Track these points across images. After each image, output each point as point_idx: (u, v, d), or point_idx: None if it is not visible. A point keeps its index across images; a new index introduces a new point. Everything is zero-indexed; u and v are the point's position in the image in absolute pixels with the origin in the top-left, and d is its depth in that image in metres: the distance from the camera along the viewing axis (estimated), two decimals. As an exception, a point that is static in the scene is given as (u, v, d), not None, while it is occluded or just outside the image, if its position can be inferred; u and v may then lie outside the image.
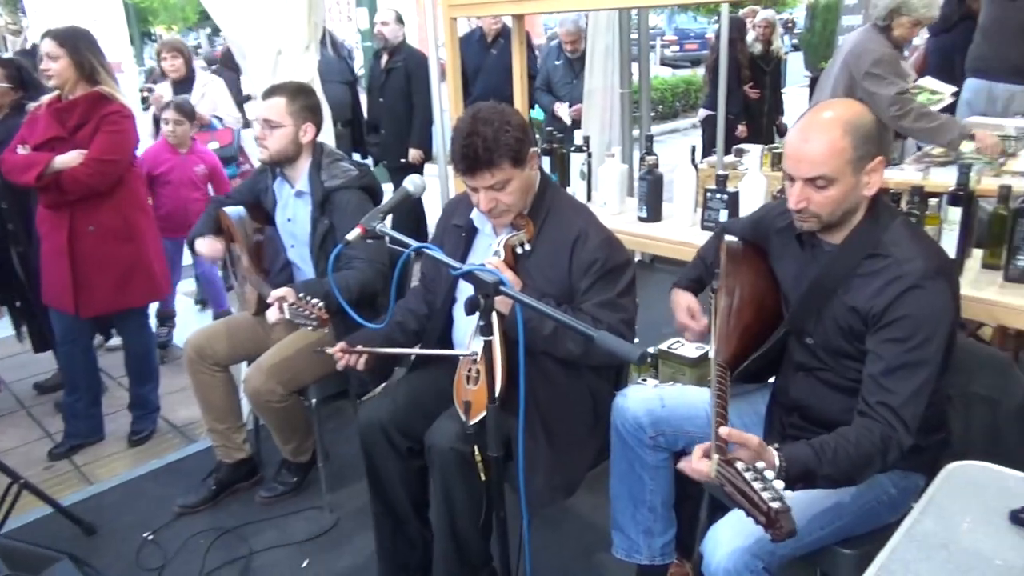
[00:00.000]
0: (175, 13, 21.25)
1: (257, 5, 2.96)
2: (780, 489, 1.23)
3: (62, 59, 2.75)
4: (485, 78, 5.17)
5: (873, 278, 1.58)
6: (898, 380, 1.51)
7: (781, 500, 1.22)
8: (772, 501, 1.22)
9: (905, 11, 3.19)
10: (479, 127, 1.83)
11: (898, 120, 3.13)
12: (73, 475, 3.07)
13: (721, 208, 2.57)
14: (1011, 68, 4.24)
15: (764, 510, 1.22)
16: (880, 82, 3.13)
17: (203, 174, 3.94)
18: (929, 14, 3.22)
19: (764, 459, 1.37)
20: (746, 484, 1.26)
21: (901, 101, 3.11)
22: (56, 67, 2.75)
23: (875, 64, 3.14)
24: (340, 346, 2.06)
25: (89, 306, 2.96)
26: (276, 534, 2.62)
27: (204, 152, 4.02)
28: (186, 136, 3.89)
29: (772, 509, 1.21)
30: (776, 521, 1.21)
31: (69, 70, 2.76)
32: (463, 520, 1.98)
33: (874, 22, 3.34)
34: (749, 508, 1.25)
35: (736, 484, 1.28)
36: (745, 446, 1.38)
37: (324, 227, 2.48)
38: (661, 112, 11.91)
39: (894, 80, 3.15)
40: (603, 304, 1.94)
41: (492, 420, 1.56)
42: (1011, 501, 1.29)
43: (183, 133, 3.86)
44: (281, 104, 2.48)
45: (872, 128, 1.57)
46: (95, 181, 2.81)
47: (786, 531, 1.21)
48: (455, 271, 1.52)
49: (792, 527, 1.21)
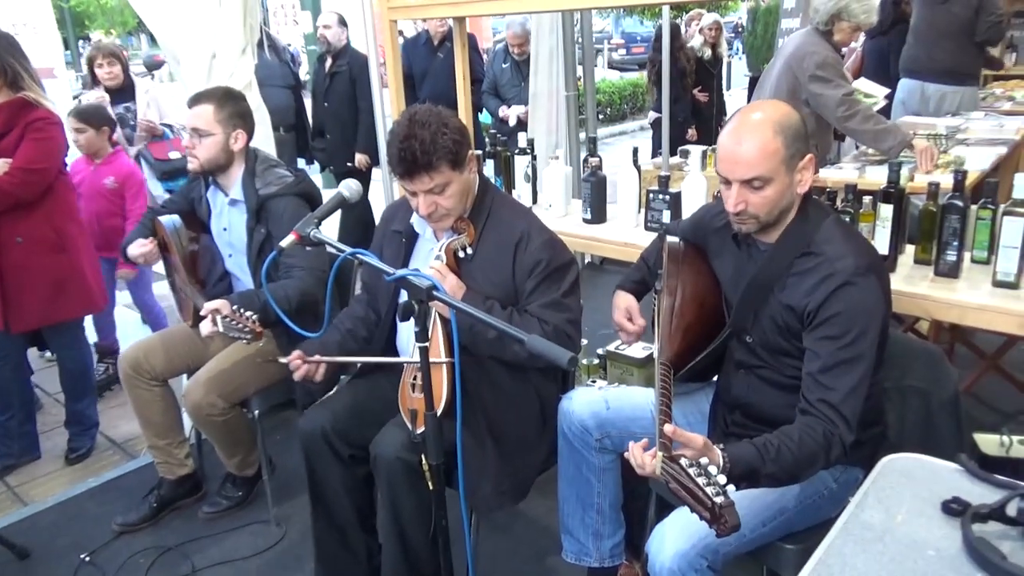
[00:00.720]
0: (113, 17, 20.72)
1: (189, 8, 2.89)
2: (723, 484, 1.24)
3: None
4: (432, 82, 5.14)
5: (806, 276, 1.61)
6: (836, 377, 1.54)
7: (724, 494, 1.22)
8: (716, 496, 1.22)
9: (845, 16, 3.27)
10: (416, 130, 1.81)
11: (845, 121, 3.18)
12: (6, 496, 2.95)
13: (664, 209, 2.59)
14: (941, 69, 4.40)
15: (708, 505, 1.23)
16: (826, 84, 3.19)
17: (112, 187, 3.56)
18: (868, 20, 3.32)
19: (709, 456, 1.38)
20: (690, 480, 1.26)
21: (849, 102, 3.18)
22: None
23: (820, 67, 3.20)
24: (296, 354, 2.01)
25: (20, 320, 2.85)
26: (220, 550, 2.55)
27: (121, 164, 3.64)
28: (94, 145, 3.51)
29: (716, 504, 1.22)
30: (720, 516, 1.22)
31: None
32: (412, 529, 1.95)
33: (815, 26, 3.41)
34: (693, 504, 1.26)
35: (680, 480, 1.28)
36: (690, 446, 1.39)
37: (261, 236, 2.43)
38: (609, 115, 12.03)
39: (840, 82, 3.22)
40: (548, 305, 1.93)
41: (432, 427, 1.54)
42: (943, 491, 1.32)
43: (88, 141, 3.48)
44: (209, 112, 2.41)
45: (800, 127, 1.60)
46: (21, 191, 2.70)
47: (730, 525, 1.21)
48: (389, 277, 1.50)
49: (736, 521, 1.22)
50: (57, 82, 4.58)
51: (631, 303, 2.10)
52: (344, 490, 2.10)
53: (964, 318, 2.01)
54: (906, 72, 4.59)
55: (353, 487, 2.11)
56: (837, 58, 3.34)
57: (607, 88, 12.19)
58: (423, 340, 1.49)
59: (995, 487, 1.33)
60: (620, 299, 2.12)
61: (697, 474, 1.26)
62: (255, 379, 2.47)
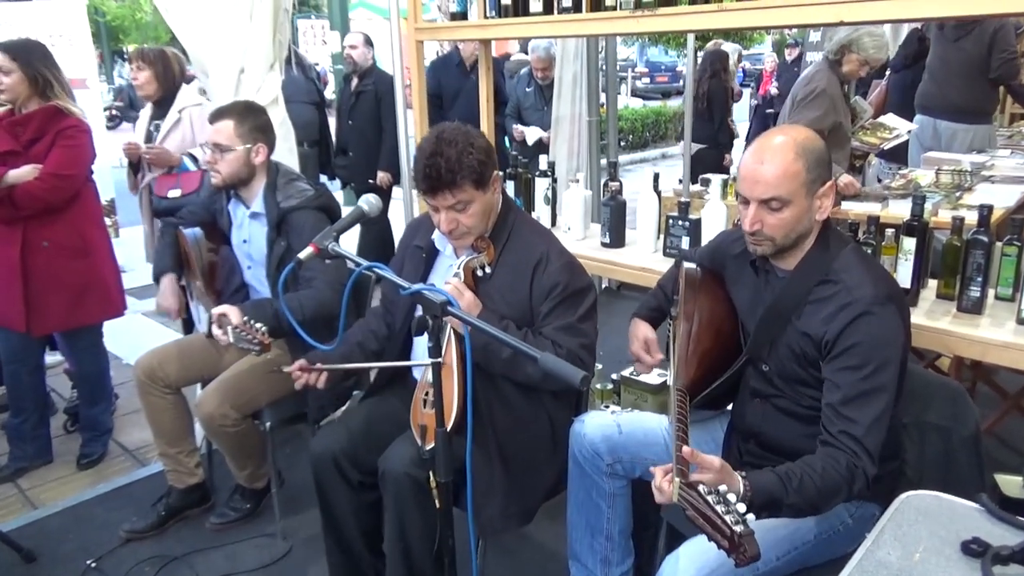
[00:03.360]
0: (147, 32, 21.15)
1: (220, 22, 2.93)
2: (743, 513, 1.21)
3: (14, 73, 2.70)
4: (463, 103, 5.17)
5: (824, 304, 1.59)
6: (857, 409, 1.51)
7: (744, 523, 1.20)
8: (735, 524, 1.20)
9: (856, 49, 3.33)
10: (443, 147, 1.82)
11: None
12: (17, 499, 2.96)
13: (683, 235, 2.57)
14: (952, 107, 4.39)
15: (727, 534, 1.20)
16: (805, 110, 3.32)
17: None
18: (878, 56, 3.39)
19: (727, 483, 1.35)
20: (708, 507, 1.24)
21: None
22: (8, 81, 2.70)
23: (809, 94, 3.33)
24: (299, 364, 2.02)
25: (41, 324, 2.88)
26: (225, 562, 2.53)
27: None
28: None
29: (736, 533, 1.19)
30: (740, 545, 1.19)
31: (22, 84, 2.72)
32: (417, 547, 1.93)
33: (825, 54, 3.48)
34: (711, 532, 1.23)
35: (698, 507, 1.25)
36: (708, 469, 1.35)
37: (281, 249, 2.44)
38: (631, 142, 12.06)
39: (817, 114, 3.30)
40: (563, 328, 1.92)
41: (441, 444, 1.53)
42: (962, 531, 1.28)
43: None
44: (230, 127, 2.43)
45: (823, 153, 1.59)
46: (52, 196, 2.75)
47: (750, 555, 1.19)
48: (404, 291, 1.50)
49: (756, 551, 1.19)
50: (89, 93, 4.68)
51: (649, 335, 2.07)
52: (352, 513, 2.09)
53: (987, 355, 1.97)
54: (920, 108, 4.58)
55: (361, 510, 2.09)
56: (835, 91, 3.38)
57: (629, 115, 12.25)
58: (436, 355, 1.48)
59: (1017, 529, 1.30)
60: (639, 329, 2.09)
61: (716, 501, 1.24)
62: (268, 391, 2.47)
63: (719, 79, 5.96)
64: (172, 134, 3.33)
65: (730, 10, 2.12)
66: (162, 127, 3.33)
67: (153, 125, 3.38)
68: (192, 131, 3.34)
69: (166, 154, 3.27)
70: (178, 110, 3.34)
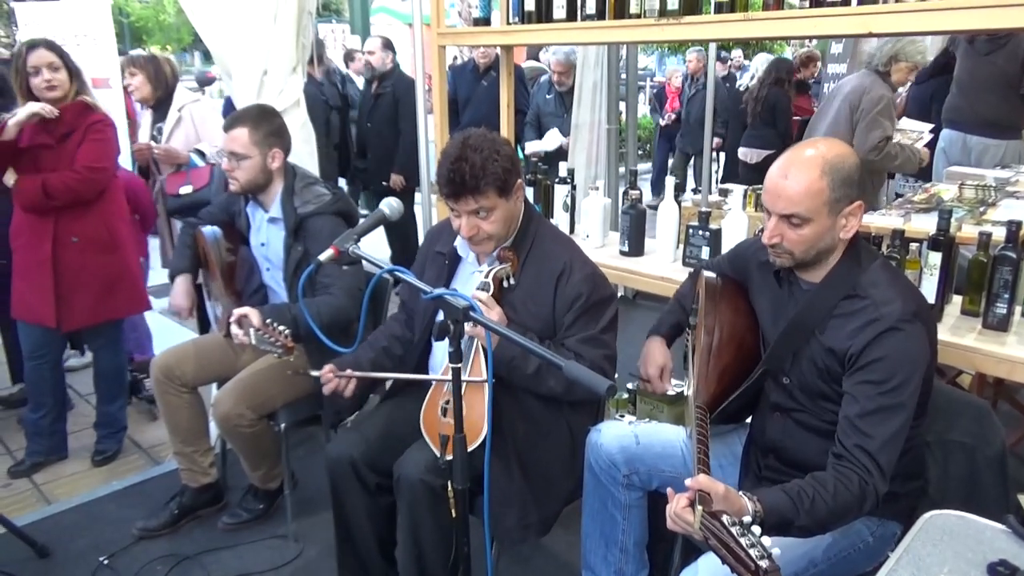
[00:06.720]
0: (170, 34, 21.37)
1: (245, 24, 2.95)
2: (768, 547, 1.18)
3: (62, 70, 2.75)
4: (474, 108, 5.21)
5: (851, 319, 1.57)
6: (875, 424, 1.49)
7: (769, 558, 1.16)
8: (760, 559, 1.16)
9: (902, 57, 3.57)
10: (468, 153, 1.81)
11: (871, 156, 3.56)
12: (32, 494, 2.98)
13: (703, 245, 2.55)
14: (982, 121, 4.34)
15: (752, 568, 1.16)
16: (873, 125, 3.52)
17: None
18: (924, 60, 3.59)
19: (732, 506, 1.33)
20: (732, 539, 1.20)
21: (880, 147, 3.55)
22: (60, 77, 2.75)
23: (875, 105, 3.52)
24: (329, 368, 2.01)
25: (71, 319, 2.90)
26: (237, 563, 2.53)
27: None
28: None
29: (761, 568, 1.15)
30: None
31: (68, 80, 2.77)
32: (431, 555, 1.92)
33: (874, 67, 3.66)
34: (734, 564, 1.20)
35: (721, 538, 1.22)
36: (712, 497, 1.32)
37: (298, 254, 2.44)
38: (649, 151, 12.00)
39: (886, 126, 3.55)
40: (586, 340, 1.91)
41: (459, 451, 1.52)
42: (988, 553, 1.26)
43: None
44: (244, 135, 2.43)
45: (853, 171, 1.56)
46: (85, 188, 2.79)
47: None
48: (427, 296, 1.49)
49: None
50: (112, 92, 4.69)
51: (666, 361, 2.03)
52: (367, 518, 2.08)
53: (1013, 373, 1.93)
54: (948, 123, 4.53)
55: (376, 516, 2.08)
56: (892, 98, 3.59)
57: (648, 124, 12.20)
58: (456, 360, 1.47)
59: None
60: (656, 352, 2.05)
61: (740, 533, 1.20)
62: (284, 392, 2.47)
63: (782, 87, 5.97)
64: (176, 133, 3.45)
65: (756, 19, 2.10)
66: (164, 128, 3.45)
67: (156, 129, 3.51)
68: (195, 127, 3.46)
69: (174, 151, 3.40)
70: (177, 109, 3.47)
